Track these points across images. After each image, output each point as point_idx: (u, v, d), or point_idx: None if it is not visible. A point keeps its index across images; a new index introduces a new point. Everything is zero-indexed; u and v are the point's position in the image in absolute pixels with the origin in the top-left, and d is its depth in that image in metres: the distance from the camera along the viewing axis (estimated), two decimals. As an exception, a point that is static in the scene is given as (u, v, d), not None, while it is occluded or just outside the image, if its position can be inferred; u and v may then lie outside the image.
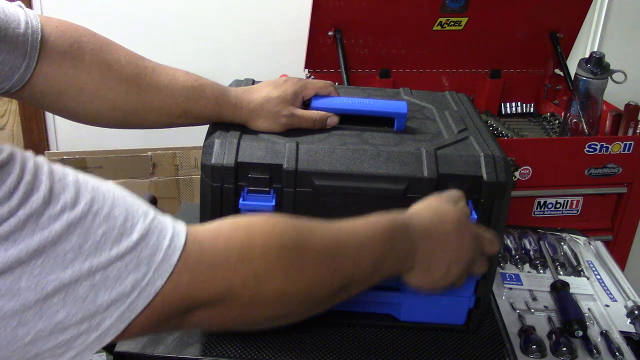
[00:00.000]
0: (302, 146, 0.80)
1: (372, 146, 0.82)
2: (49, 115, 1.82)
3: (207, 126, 0.86)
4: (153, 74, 0.76)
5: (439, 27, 1.64)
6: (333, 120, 0.86)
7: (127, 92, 0.75)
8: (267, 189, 0.78)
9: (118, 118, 0.77)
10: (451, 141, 0.84)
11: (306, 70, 1.67)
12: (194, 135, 1.78)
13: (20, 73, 0.67)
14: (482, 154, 0.81)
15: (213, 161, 0.78)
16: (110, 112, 0.76)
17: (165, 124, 0.81)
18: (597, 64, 1.50)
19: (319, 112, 0.86)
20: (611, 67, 1.51)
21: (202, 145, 0.81)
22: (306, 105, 0.88)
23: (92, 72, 0.72)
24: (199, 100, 0.80)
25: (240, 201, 0.77)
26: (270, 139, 0.82)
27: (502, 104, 1.81)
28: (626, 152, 1.46)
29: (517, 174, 1.43)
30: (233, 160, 0.78)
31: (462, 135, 0.87)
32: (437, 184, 0.79)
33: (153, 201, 1.13)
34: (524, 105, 1.82)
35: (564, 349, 0.85)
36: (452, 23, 1.64)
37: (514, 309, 0.95)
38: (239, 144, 0.80)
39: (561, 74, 1.75)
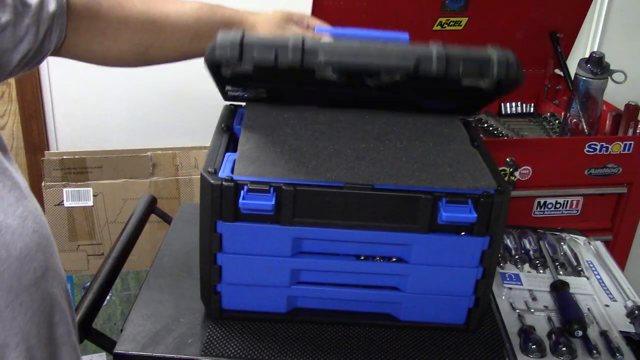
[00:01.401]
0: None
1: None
2: (49, 115, 1.82)
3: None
4: (164, 5, 0.86)
5: (439, 27, 1.64)
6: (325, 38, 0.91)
7: (142, 26, 0.84)
8: (266, 187, 0.78)
9: (140, 53, 0.87)
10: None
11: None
12: (194, 135, 1.79)
13: (57, 34, 0.77)
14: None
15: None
16: (133, 49, 0.86)
17: (183, 52, 0.89)
18: (597, 64, 1.50)
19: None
20: (611, 67, 1.51)
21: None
22: None
23: (109, 17, 0.82)
24: (209, 20, 0.88)
25: (240, 200, 0.77)
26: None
27: (502, 104, 1.81)
28: (626, 152, 1.46)
29: (517, 174, 1.43)
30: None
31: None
32: (447, 62, 0.75)
33: (153, 201, 1.13)
34: (524, 105, 1.82)
35: (564, 348, 0.85)
36: (452, 23, 1.64)
37: (514, 309, 0.95)
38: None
39: (561, 74, 1.75)
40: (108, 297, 1.74)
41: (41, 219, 0.63)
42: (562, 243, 1.13)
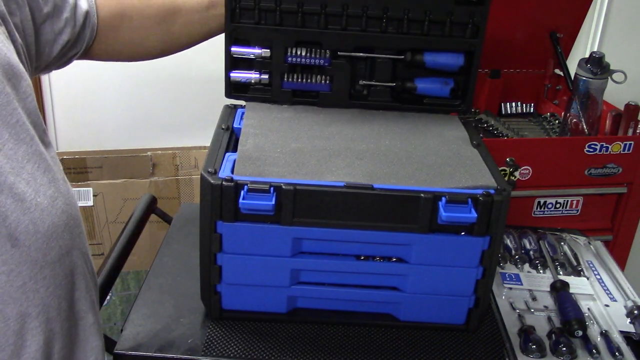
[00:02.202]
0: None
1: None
2: (49, 115, 1.82)
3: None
4: None
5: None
6: None
7: (162, 4, 0.90)
8: (266, 187, 0.78)
9: (164, 35, 0.92)
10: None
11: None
12: (194, 135, 1.79)
13: (90, 30, 0.85)
14: None
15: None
16: (156, 28, 0.91)
17: (203, 24, 0.94)
18: (597, 64, 1.50)
19: None
20: (611, 67, 1.51)
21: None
22: None
23: (133, 3, 0.89)
24: None
25: (240, 200, 0.77)
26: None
27: (502, 104, 1.81)
28: (626, 152, 1.46)
29: (517, 174, 1.43)
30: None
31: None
32: None
33: (153, 201, 1.13)
34: (524, 105, 1.82)
35: (564, 348, 0.85)
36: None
37: (514, 309, 0.95)
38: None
39: (561, 74, 1.74)
40: (108, 297, 1.74)
41: (71, 201, 0.67)
42: (562, 243, 1.13)
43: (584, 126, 1.54)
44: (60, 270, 0.65)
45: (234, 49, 0.96)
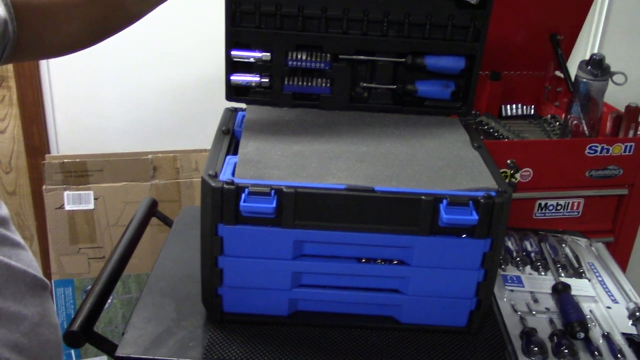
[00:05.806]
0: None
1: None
2: (49, 119, 1.82)
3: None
4: None
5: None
6: None
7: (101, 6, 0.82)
8: (267, 190, 0.78)
9: (95, 29, 0.83)
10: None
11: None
12: (194, 138, 1.79)
13: (11, 37, 0.75)
14: None
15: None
16: (87, 26, 0.82)
17: (135, 14, 0.85)
18: (598, 66, 1.50)
19: None
20: (611, 69, 1.51)
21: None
22: None
23: (54, 3, 0.79)
24: None
25: (241, 203, 0.77)
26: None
27: (503, 106, 1.81)
28: (627, 153, 1.46)
29: (517, 175, 1.43)
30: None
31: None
32: None
33: (154, 204, 1.13)
34: (525, 107, 1.82)
35: (566, 350, 0.85)
36: (452, 25, 1.63)
37: (516, 311, 0.94)
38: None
39: (562, 75, 1.74)
40: (109, 301, 1.74)
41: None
42: (564, 245, 1.13)
43: (585, 128, 1.54)
44: None
45: (234, 52, 0.96)
